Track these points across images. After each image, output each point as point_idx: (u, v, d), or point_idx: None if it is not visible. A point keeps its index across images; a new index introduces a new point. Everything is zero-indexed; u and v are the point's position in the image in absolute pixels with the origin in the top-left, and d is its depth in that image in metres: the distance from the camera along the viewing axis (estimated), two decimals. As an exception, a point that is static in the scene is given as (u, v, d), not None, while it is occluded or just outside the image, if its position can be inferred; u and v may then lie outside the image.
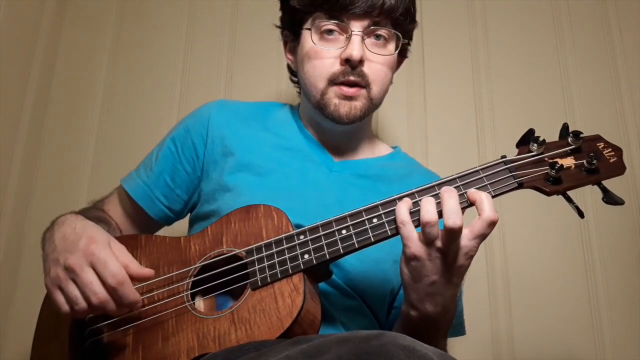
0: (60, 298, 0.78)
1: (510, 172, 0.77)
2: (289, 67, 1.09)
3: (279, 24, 1.07)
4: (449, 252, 0.73)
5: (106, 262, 0.77)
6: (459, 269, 0.75)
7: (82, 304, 0.76)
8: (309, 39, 0.96)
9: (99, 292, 0.76)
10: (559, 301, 1.32)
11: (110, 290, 0.77)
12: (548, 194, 0.77)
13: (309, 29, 0.96)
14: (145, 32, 1.61)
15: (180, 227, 1.17)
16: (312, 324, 0.76)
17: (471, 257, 0.74)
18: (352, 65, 0.93)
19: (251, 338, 0.73)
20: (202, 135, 1.03)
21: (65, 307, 0.78)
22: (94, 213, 1.03)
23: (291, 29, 1.03)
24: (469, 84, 1.50)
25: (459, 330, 1.02)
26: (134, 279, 0.79)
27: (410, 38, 1.04)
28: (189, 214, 1.09)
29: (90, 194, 1.16)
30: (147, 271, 0.81)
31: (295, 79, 1.08)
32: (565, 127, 0.80)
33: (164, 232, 1.16)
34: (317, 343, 0.60)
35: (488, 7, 1.56)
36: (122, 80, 1.57)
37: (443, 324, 0.82)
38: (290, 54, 1.06)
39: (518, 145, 0.81)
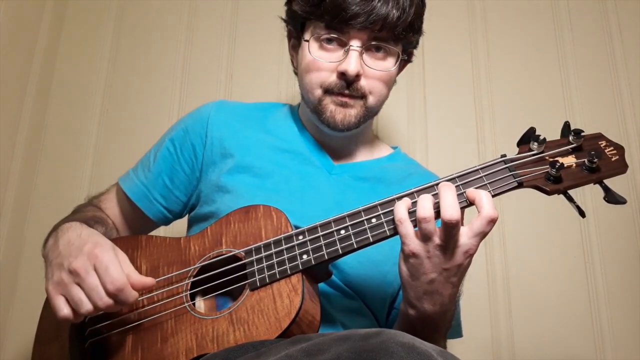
0: (60, 302, 0.77)
1: (510, 172, 0.77)
2: (291, 60, 1.08)
3: (283, 17, 1.05)
4: (447, 249, 0.73)
5: (107, 266, 0.76)
6: (458, 268, 0.74)
7: (87, 307, 0.76)
8: (308, 51, 0.95)
9: (104, 297, 0.76)
10: (559, 301, 1.32)
11: (111, 295, 0.76)
12: (548, 193, 0.76)
13: (308, 41, 0.95)
14: (145, 32, 1.61)
15: (179, 227, 1.17)
16: (311, 325, 0.76)
17: (470, 255, 0.74)
18: (347, 80, 0.92)
19: (249, 338, 0.73)
20: (201, 136, 1.03)
21: (63, 310, 0.77)
22: (92, 212, 1.03)
23: (293, 28, 1.02)
24: (469, 83, 1.50)
25: (456, 332, 1.01)
26: (135, 288, 0.79)
27: (415, 46, 1.03)
28: (187, 215, 1.08)
29: (90, 194, 1.16)
30: (149, 280, 0.81)
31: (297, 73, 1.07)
32: (566, 125, 0.80)
33: (163, 231, 1.16)
34: (316, 342, 0.60)
35: (488, 7, 1.56)
36: (122, 80, 1.57)
37: (442, 324, 0.82)
38: (293, 49, 1.05)
39: (518, 144, 0.80)
